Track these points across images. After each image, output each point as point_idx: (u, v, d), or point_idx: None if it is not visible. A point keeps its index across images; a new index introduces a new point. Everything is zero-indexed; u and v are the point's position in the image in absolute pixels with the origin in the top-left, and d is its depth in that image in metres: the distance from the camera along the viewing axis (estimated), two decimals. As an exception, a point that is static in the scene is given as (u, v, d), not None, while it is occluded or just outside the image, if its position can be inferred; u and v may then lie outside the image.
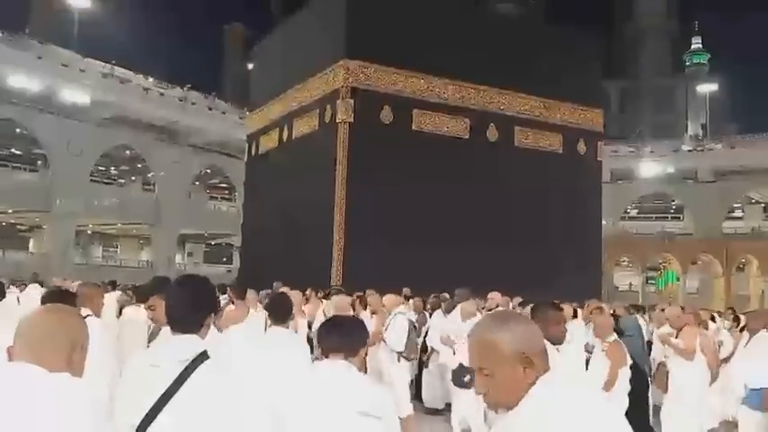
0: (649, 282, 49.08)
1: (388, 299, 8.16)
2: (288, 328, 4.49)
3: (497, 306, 7.43)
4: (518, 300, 9.98)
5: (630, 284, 50.54)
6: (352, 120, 18.22)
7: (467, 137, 19.94)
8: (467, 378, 6.73)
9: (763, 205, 54.09)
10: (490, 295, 9.23)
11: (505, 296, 9.72)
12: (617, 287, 48.74)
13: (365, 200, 17.40)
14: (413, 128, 19.20)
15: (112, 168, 46.41)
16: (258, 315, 6.44)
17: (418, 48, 18.78)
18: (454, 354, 7.57)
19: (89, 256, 45.15)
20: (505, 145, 20.34)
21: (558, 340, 3.84)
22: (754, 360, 6.51)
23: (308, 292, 11.35)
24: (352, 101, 18.32)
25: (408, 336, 7.61)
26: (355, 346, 2.82)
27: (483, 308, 8.66)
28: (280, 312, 4.42)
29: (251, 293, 7.52)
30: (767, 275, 43.13)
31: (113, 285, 13.82)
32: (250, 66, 32.30)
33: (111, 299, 9.25)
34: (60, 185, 35.01)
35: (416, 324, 9.00)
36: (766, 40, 79.20)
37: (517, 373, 1.77)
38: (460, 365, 6.98)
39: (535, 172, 20.05)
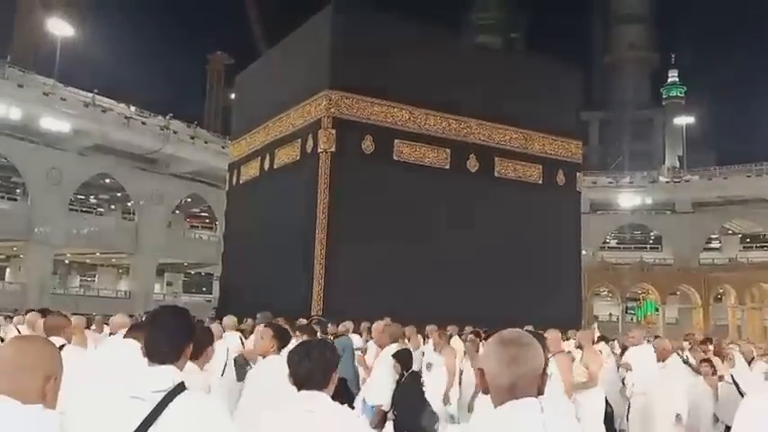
0: (629, 311, 49.34)
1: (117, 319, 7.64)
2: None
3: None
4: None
5: (610, 314, 50.78)
6: (333, 149, 18.28)
7: (447, 167, 20.07)
8: None
9: (739, 236, 54.79)
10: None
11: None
12: (597, 317, 48.91)
13: (347, 230, 17.42)
14: (394, 158, 19.30)
15: (92, 197, 46.09)
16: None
17: (400, 79, 18.96)
18: None
19: (67, 286, 44.59)
20: (486, 175, 20.49)
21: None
22: (374, 378, 6.66)
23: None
24: (334, 131, 18.40)
25: None
26: (327, 374, 2.79)
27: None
28: None
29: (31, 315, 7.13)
30: (744, 305, 43.54)
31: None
32: (233, 95, 32.40)
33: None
34: (39, 214, 34.68)
35: None
36: (742, 74, 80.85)
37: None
38: None
39: (515, 202, 20.20)
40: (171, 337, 2.49)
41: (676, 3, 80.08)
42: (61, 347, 4.57)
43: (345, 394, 7.64)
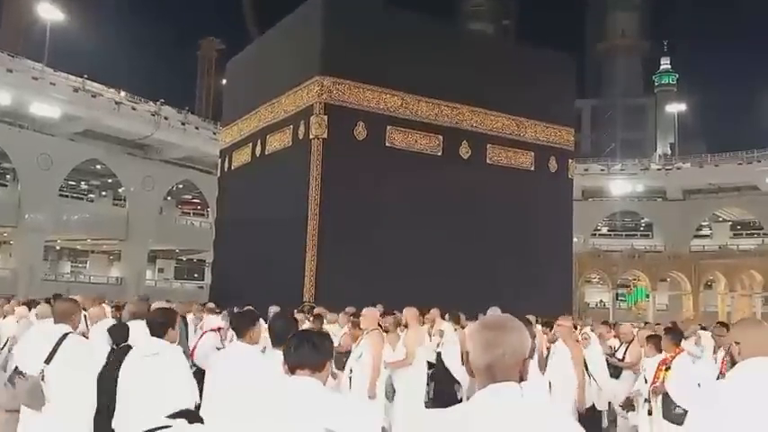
0: (619, 298, 49.64)
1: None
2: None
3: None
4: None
5: (601, 301, 51.08)
6: (325, 135, 18.23)
7: (440, 154, 20.06)
8: None
9: (729, 223, 55.09)
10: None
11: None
12: (588, 303, 49.20)
13: (338, 216, 17.40)
14: (386, 144, 19.26)
15: (83, 183, 45.87)
16: None
17: (392, 65, 18.89)
18: None
19: (57, 272, 44.46)
20: (478, 162, 20.48)
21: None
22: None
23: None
24: (325, 117, 18.33)
25: None
26: (322, 360, 2.80)
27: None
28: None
29: None
30: (734, 292, 43.86)
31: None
32: (224, 81, 32.23)
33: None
34: (29, 200, 34.52)
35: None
36: (733, 62, 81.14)
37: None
38: None
39: (507, 189, 20.19)
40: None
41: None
42: (65, 336, 4.56)
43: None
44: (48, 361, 4.48)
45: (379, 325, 7.88)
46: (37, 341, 4.76)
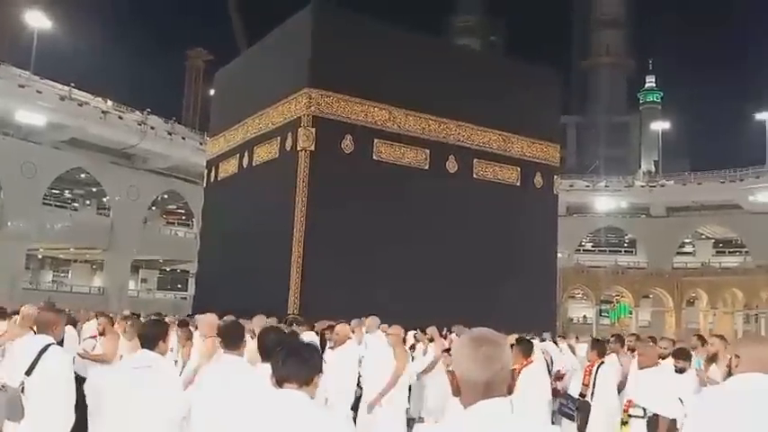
0: (603, 314, 49.83)
1: None
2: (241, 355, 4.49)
3: None
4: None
5: (585, 316, 51.26)
6: (313, 148, 18.24)
7: (426, 168, 20.12)
8: None
9: (712, 241, 55.55)
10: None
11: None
12: (571, 319, 49.34)
13: (324, 228, 17.39)
14: (373, 157, 19.30)
15: (66, 192, 45.56)
16: None
17: (380, 79, 18.97)
18: None
19: (39, 281, 44.03)
20: (464, 176, 20.56)
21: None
22: None
23: None
24: (313, 129, 18.35)
25: None
26: (310, 374, 2.79)
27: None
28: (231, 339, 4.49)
29: None
30: (716, 309, 44.18)
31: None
32: (212, 91, 32.20)
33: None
34: (12, 208, 34.21)
35: None
36: (718, 81, 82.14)
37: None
38: None
39: (493, 204, 20.28)
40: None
41: (655, 9, 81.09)
42: (46, 347, 4.51)
43: None
44: (28, 373, 4.43)
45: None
46: (19, 352, 4.71)
